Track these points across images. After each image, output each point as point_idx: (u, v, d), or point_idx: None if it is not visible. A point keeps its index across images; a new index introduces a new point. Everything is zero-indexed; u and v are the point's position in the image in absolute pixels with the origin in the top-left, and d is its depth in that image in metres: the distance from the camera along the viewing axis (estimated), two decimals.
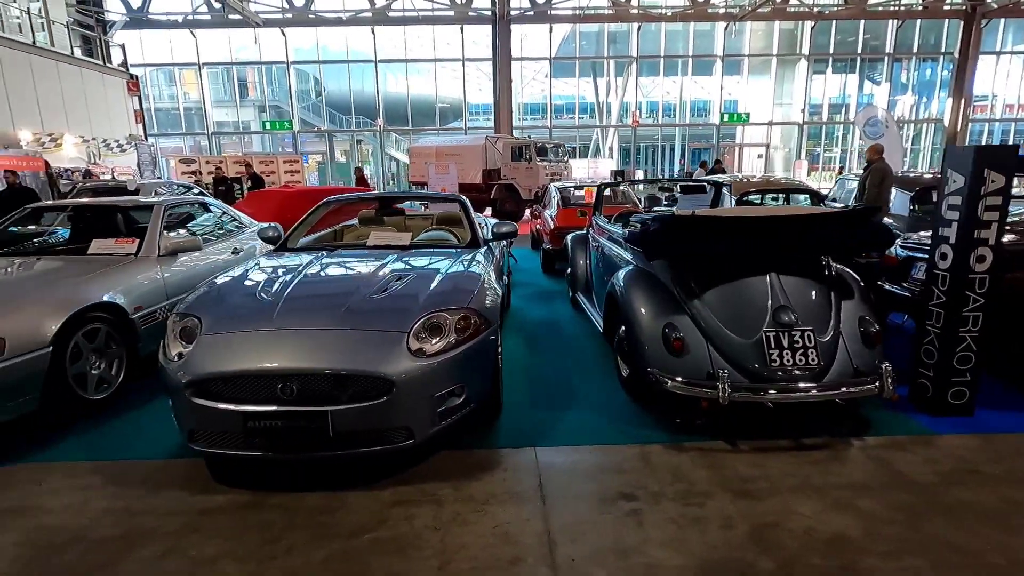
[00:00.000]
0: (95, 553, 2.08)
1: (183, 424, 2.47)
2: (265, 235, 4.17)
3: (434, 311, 2.63)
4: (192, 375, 2.36)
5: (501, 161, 16.02)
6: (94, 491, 2.50)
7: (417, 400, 2.43)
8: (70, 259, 3.85)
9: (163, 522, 2.25)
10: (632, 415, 3.16)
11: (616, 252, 3.98)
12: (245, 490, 2.46)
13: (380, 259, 3.36)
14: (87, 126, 16.78)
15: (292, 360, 2.34)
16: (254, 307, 2.68)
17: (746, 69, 26.14)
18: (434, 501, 2.36)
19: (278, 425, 2.32)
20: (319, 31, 24.99)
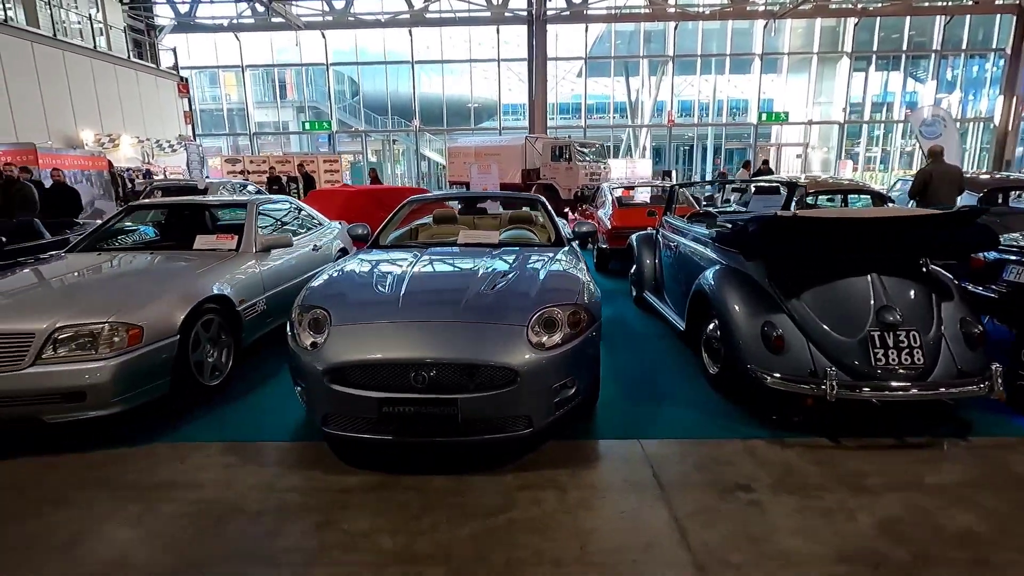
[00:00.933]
0: (258, 523, 2.25)
1: (317, 409, 2.63)
2: (355, 232, 4.35)
3: (547, 306, 2.75)
4: (330, 363, 2.52)
5: (540, 161, 16.13)
6: (234, 469, 2.69)
7: (537, 390, 2.55)
8: (179, 254, 4.09)
9: (309, 499, 2.42)
10: (724, 411, 3.23)
11: (699, 251, 4.05)
12: (374, 472, 2.61)
13: (478, 256, 3.50)
14: (141, 127, 17.48)
15: (427, 350, 2.48)
16: (378, 300, 2.84)
17: (785, 67, 25.69)
18: (556, 487, 2.48)
19: (411, 411, 2.47)
20: (357, 33, 25.50)
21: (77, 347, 2.83)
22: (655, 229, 5.32)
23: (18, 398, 2.75)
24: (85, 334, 2.85)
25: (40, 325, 2.81)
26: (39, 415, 2.82)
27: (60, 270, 3.71)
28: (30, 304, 3.08)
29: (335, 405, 2.56)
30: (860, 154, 26.81)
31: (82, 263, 3.84)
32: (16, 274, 3.64)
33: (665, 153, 27.11)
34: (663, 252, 5.08)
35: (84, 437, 2.95)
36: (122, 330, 2.92)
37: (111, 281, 3.58)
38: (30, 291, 3.33)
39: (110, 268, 3.79)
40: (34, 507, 2.39)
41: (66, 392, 2.78)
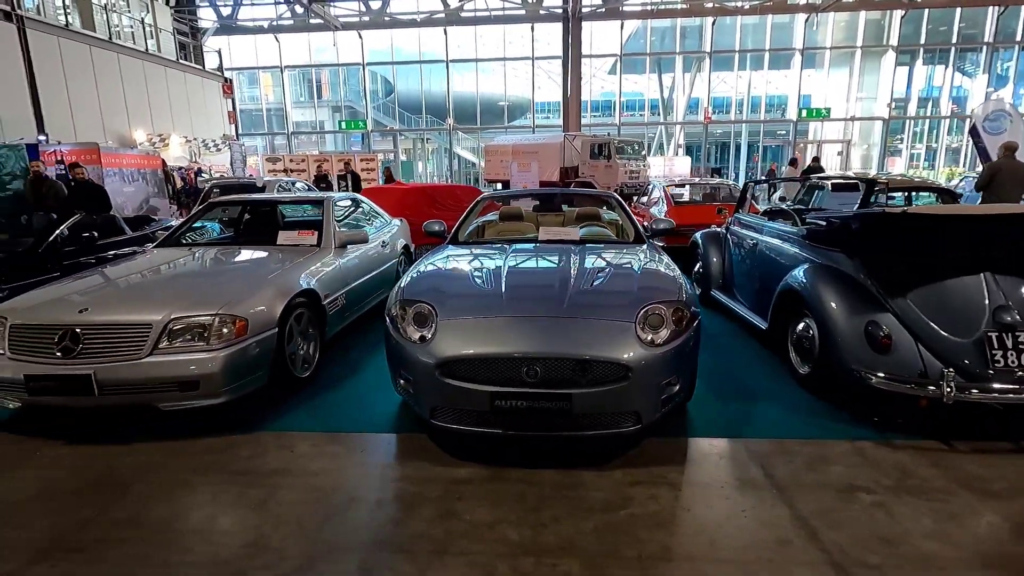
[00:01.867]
0: (380, 512, 2.30)
1: (425, 401, 2.67)
2: (431, 229, 4.40)
3: (652, 303, 2.74)
4: (443, 356, 2.55)
5: (579, 159, 16.07)
6: (342, 458, 2.75)
7: (647, 387, 2.55)
8: (264, 249, 4.20)
9: (424, 489, 2.46)
10: (819, 410, 3.17)
11: (783, 249, 3.97)
12: (480, 464, 2.64)
13: (563, 253, 3.51)
14: (189, 127, 18.00)
15: (541, 345, 2.50)
16: (481, 296, 2.87)
17: (827, 62, 25.02)
18: (668, 484, 2.47)
19: (522, 405, 2.49)
20: (392, 33, 25.76)
21: (190, 338, 2.94)
22: (721, 226, 5.24)
23: (138, 386, 2.86)
24: (196, 326, 2.96)
25: (156, 316, 2.93)
26: (155, 402, 2.94)
27: (159, 264, 3.85)
28: (143, 297, 3.21)
29: (445, 398, 2.60)
30: (903, 151, 25.97)
31: (177, 258, 3.98)
32: (119, 267, 3.79)
33: (699, 151, 26.72)
34: (733, 250, 5.00)
35: (189, 425, 3.05)
36: (229, 322, 3.01)
37: (211, 275, 3.70)
38: (140, 284, 3.47)
39: (205, 263, 3.91)
40: (165, 491, 2.48)
41: (182, 381, 2.88)
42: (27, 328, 2.94)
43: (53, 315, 2.96)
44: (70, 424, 3.10)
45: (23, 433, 3.06)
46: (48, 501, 2.43)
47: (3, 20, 12.27)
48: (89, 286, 3.39)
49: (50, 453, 2.85)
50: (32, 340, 2.91)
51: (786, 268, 3.77)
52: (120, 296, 3.20)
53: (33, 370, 2.82)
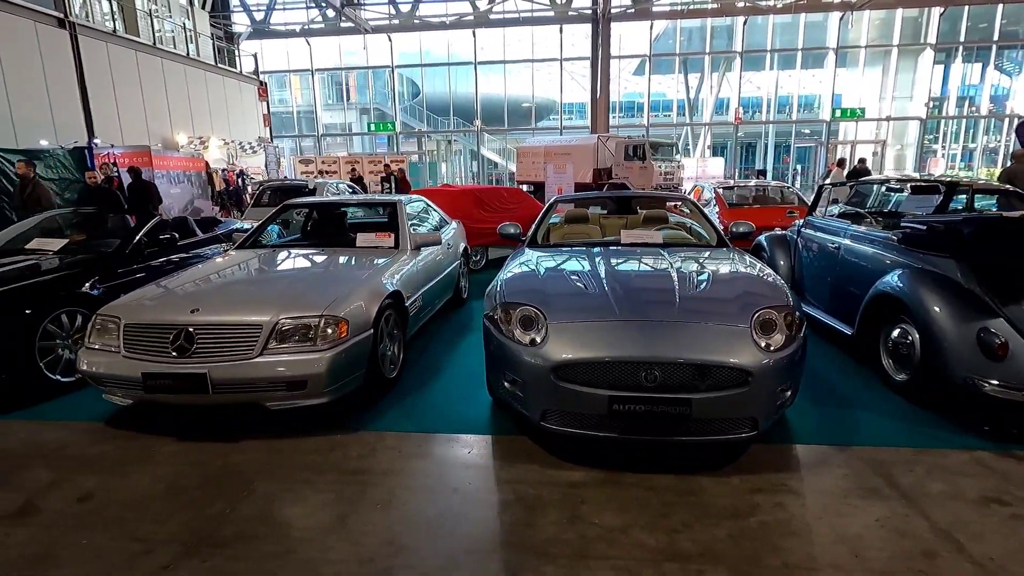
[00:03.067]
0: (507, 514, 2.31)
1: (535, 404, 2.68)
2: (506, 231, 4.42)
3: (764, 308, 2.72)
4: (559, 360, 2.56)
5: (612, 160, 16.00)
6: (451, 459, 2.78)
7: (766, 393, 2.52)
8: (347, 251, 4.26)
9: (542, 491, 2.47)
10: (922, 419, 3.10)
11: (870, 253, 3.90)
12: (593, 468, 2.64)
13: (656, 256, 3.51)
14: (226, 129, 18.36)
15: (661, 349, 2.49)
16: (587, 299, 2.87)
17: (862, 61, 24.55)
18: (789, 491, 2.44)
19: (641, 410, 2.48)
20: (420, 36, 25.97)
21: (298, 339, 2.99)
22: (796, 229, 5.17)
23: (249, 385, 2.92)
24: (303, 327, 3.01)
25: (265, 317, 2.98)
26: (262, 401, 3.00)
27: (252, 266, 3.93)
28: (250, 298, 3.27)
29: (558, 401, 2.60)
30: (938, 151, 25.36)
31: (265, 260, 4.06)
32: (212, 268, 3.87)
33: (723, 152, 26.42)
34: (804, 253, 4.93)
35: (290, 424, 3.11)
36: (333, 323, 3.06)
37: (308, 277, 3.75)
38: (243, 286, 3.55)
39: (296, 265, 3.98)
40: (288, 489, 2.53)
41: (290, 381, 2.93)
42: (141, 327, 3.02)
43: (166, 315, 3.04)
44: (169, 422, 3.18)
45: (130, 429, 3.15)
46: (178, 496, 2.49)
47: (57, 27, 12.65)
48: (193, 287, 3.48)
49: (164, 450, 2.92)
50: (147, 339, 2.99)
51: (875, 273, 3.70)
52: (228, 297, 3.27)
53: (150, 368, 2.89)
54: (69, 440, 3.05)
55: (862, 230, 4.07)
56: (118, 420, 3.27)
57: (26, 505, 2.44)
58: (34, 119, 11.89)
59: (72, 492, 2.54)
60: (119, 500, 2.47)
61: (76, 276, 4.00)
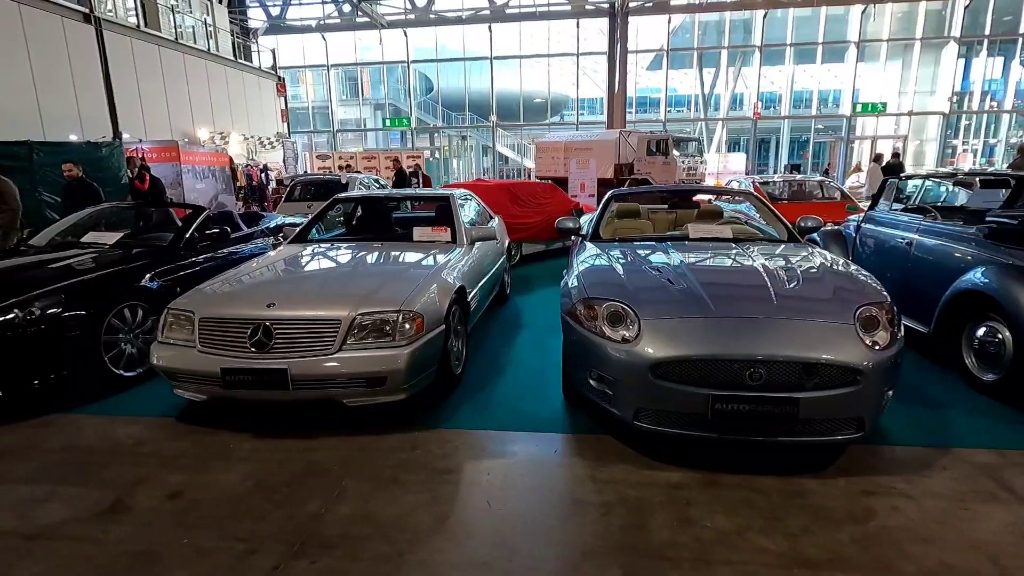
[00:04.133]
0: (611, 515, 2.24)
1: (627, 403, 2.60)
2: (564, 225, 4.34)
3: (864, 304, 2.63)
4: (659, 358, 2.47)
5: (634, 156, 15.86)
6: (539, 458, 2.71)
7: (875, 392, 2.44)
8: (405, 245, 4.19)
9: (643, 492, 2.40)
10: (1017, 420, 3.01)
11: (948, 248, 3.79)
12: (689, 469, 2.57)
13: (731, 251, 3.42)
14: (246, 124, 18.36)
15: (766, 347, 2.41)
16: (677, 294, 2.79)
17: (883, 55, 24.18)
18: (900, 494, 2.36)
19: (745, 409, 2.40)
20: (436, 31, 25.84)
21: (377, 334, 2.93)
22: (856, 223, 5.05)
23: (328, 381, 2.86)
24: (381, 322, 2.95)
25: (344, 312, 2.92)
26: (340, 398, 2.94)
27: (315, 260, 3.87)
28: (325, 292, 3.21)
29: (654, 400, 2.52)
30: (958, 146, 24.96)
31: (324, 254, 4.00)
32: (272, 263, 3.81)
33: (738, 148, 26.15)
34: (862, 249, 4.83)
35: (363, 421, 3.06)
36: (410, 319, 3.00)
37: (377, 272, 3.67)
38: (314, 280, 3.49)
39: (359, 259, 3.89)
40: (380, 487, 2.47)
41: (370, 377, 2.88)
42: (217, 322, 2.97)
43: (242, 309, 2.98)
44: (241, 418, 3.13)
45: (203, 425, 3.11)
46: (269, 494, 2.44)
47: (83, 22, 12.67)
48: (263, 281, 3.44)
49: (243, 446, 2.88)
50: (223, 334, 2.93)
51: (955, 269, 3.59)
52: (302, 292, 3.21)
53: (229, 364, 2.84)
54: (144, 436, 3.01)
55: (939, 225, 3.96)
56: (189, 415, 3.23)
57: (117, 503, 2.40)
58: (61, 113, 11.92)
59: (160, 489, 2.49)
60: (210, 498, 2.42)
61: (136, 270, 3.96)
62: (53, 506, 2.38)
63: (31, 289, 3.41)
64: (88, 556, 2.08)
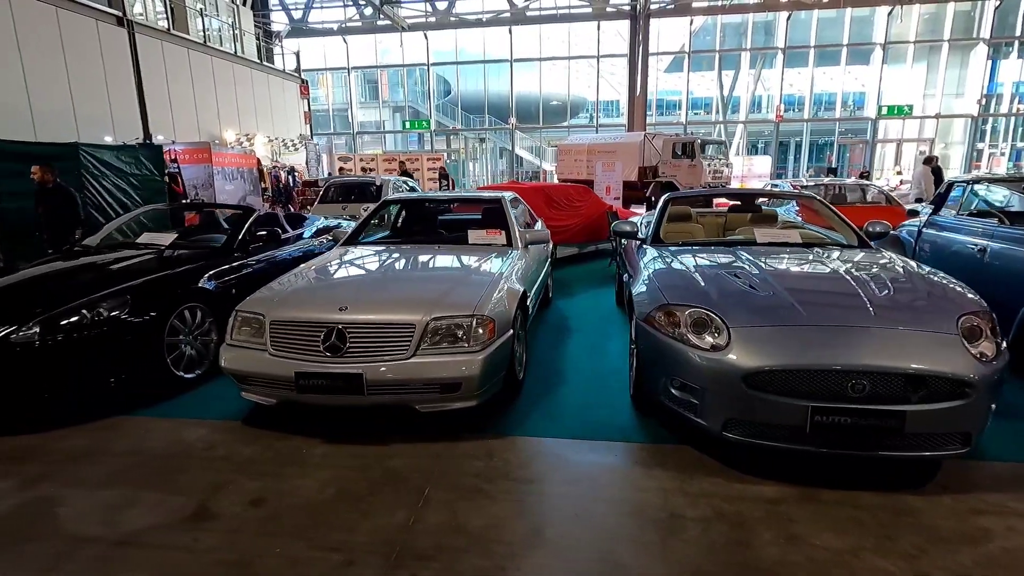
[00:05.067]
0: (711, 531, 2.15)
1: (716, 413, 2.52)
2: (622, 228, 4.26)
3: (966, 313, 2.53)
4: (752, 367, 2.39)
5: (659, 158, 15.71)
6: (622, 469, 2.63)
7: (984, 406, 2.33)
8: (462, 248, 4.13)
9: (740, 508, 2.31)
10: None
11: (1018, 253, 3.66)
12: (783, 483, 2.47)
13: (809, 256, 3.34)
14: (270, 126, 18.50)
15: (870, 357, 2.31)
16: (766, 301, 2.70)
17: (910, 57, 23.80)
18: (1015, 513, 2.25)
19: (847, 422, 2.31)
20: (456, 33, 25.88)
21: (451, 339, 2.87)
22: (917, 227, 4.92)
23: (402, 386, 2.81)
24: (455, 327, 2.89)
25: (417, 317, 2.87)
26: (413, 403, 2.89)
27: (377, 263, 3.82)
28: (396, 296, 3.15)
29: (747, 411, 2.44)
30: (984, 150, 24.45)
31: (382, 256, 3.95)
32: (333, 265, 3.77)
33: (756, 151, 25.88)
34: (922, 255, 4.69)
35: (430, 427, 3.00)
36: (483, 323, 2.94)
37: (441, 275, 3.62)
38: (381, 284, 3.43)
39: (420, 263, 3.83)
40: (465, 497, 2.41)
41: (445, 383, 2.82)
42: (289, 325, 2.93)
43: (315, 313, 2.94)
44: (306, 422, 3.09)
45: (271, 429, 3.07)
46: (353, 502, 2.39)
47: (116, 25, 12.83)
48: (330, 284, 3.40)
49: (315, 451, 2.83)
50: (296, 337, 2.89)
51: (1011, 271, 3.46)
52: (373, 295, 3.15)
53: (304, 368, 2.80)
54: (213, 440, 2.98)
55: (1020, 231, 3.82)
56: (254, 419, 3.19)
57: (200, 509, 2.36)
58: (95, 116, 12.08)
59: (241, 496, 2.45)
60: (293, 505, 2.38)
61: (194, 271, 3.95)
62: (136, 512, 2.35)
63: (96, 290, 3.40)
64: (181, 564, 2.03)
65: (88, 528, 2.25)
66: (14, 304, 3.31)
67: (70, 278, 3.72)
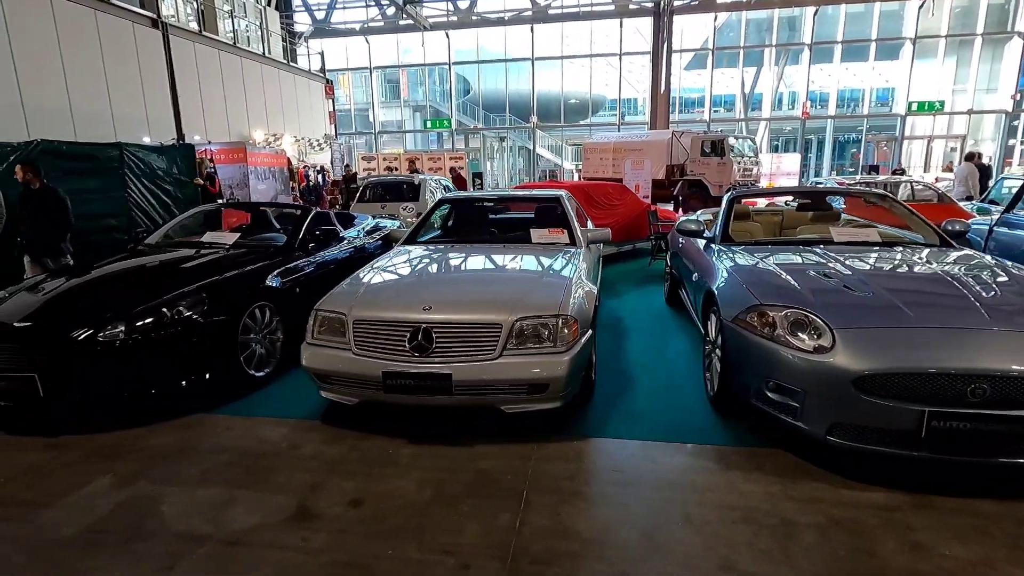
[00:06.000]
0: (831, 539, 2.09)
1: (820, 417, 2.45)
2: (687, 228, 4.20)
3: None
4: (864, 370, 2.31)
5: (687, 157, 15.55)
6: (721, 473, 2.57)
7: None
8: (526, 247, 4.09)
9: (854, 514, 2.24)
10: None
11: None
12: (889, 490, 2.40)
13: (894, 254, 3.25)
14: (296, 126, 18.64)
15: (994, 360, 2.23)
16: (862, 300, 2.63)
17: (941, 51, 23.27)
18: None
19: (966, 427, 2.23)
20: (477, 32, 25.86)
21: (535, 340, 2.84)
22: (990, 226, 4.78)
23: (490, 387, 2.78)
24: (540, 326, 2.85)
25: (504, 317, 2.84)
26: (499, 404, 2.86)
27: (445, 262, 3.79)
28: (478, 296, 3.11)
29: (856, 415, 2.37)
30: (1015, 146, 23.84)
31: (448, 256, 3.92)
32: (404, 264, 3.75)
33: (782, 147, 25.50)
34: (991, 253, 4.56)
35: (504, 428, 2.97)
36: (568, 323, 2.89)
37: (518, 275, 3.56)
38: (459, 284, 3.41)
39: (492, 262, 3.79)
40: (564, 501, 2.37)
41: (533, 383, 2.78)
42: (373, 324, 2.91)
43: (400, 312, 2.92)
44: (382, 422, 3.08)
45: (351, 428, 3.06)
46: (452, 504, 2.36)
47: (150, 27, 13.01)
48: (407, 283, 3.39)
49: (402, 452, 2.81)
50: (381, 337, 2.87)
51: None
52: (454, 295, 3.12)
53: (391, 367, 2.78)
54: (298, 439, 2.98)
55: None
56: (333, 418, 3.19)
57: (301, 509, 2.36)
58: (131, 117, 12.26)
59: (339, 496, 2.44)
60: (394, 506, 2.36)
61: (261, 270, 3.96)
62: (239, 510, 2.35)
63: (171, 289, 3.42)
64: (297, 565, 2.03)
65: (194, 526, 2.25)
66: (95, 302, 3.34)
67: (145, 276, 3.75)
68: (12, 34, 9.91)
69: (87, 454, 2.86)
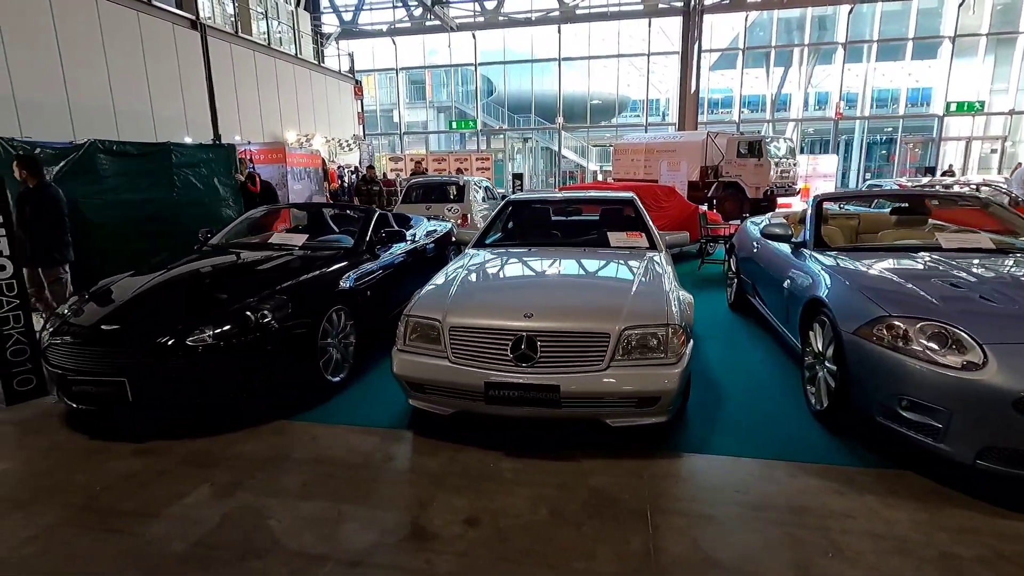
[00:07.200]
0: (949, 568, 1.92)
1: (968, 440, 2.27)
2: (773, 231, 4.02)
3: None
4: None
5: (723, 158, 15.26)
6: (850, 495, 2.40)
7: None
8: (607, 251, 3.94)
9: (1021, 548, 2.06)
10: None
11: None
12: None
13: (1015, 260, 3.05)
14: (327, 127, 18.73)
15: None
16: (1011, 312, 2.45)
17: (981, 50, 22.61)
18: None
19: None
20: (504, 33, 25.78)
21: (643, 350, 2.69)
22: None
23: (598, 399, 2.65)
24: (648, 336, 2.71)
25: (612, 326, 2.70)
26: (605, 417, 2.72)
27: (531, 267, 3.66)
28: (580, 304, 2.96)
29: (1012, 439, 2.18)
30: None
31: (526, 259, 3.79)
32: (488, 268, 3.62)
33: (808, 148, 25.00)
34: None
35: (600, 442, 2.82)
36: (677, 333, 2.75)
37: (612, 283, 3.42)
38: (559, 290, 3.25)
39: (580, 267, 3.63)
40: (694, 524, 2.22)
41: (643, 396, 2.64)
42: (472, 331, 2.79)
43: (500, 320, 2.79)
44: (469, 432, 2.95)
45: (439, 439, 2.94)
46: (574, 525, 2.23)
47: (189, 28, 13.12)
48: (502, 289, 3.27)
49: (503, 466, 2.68)
50: (481, 345, 2.75)
51: None
52: (555, 302, 2.96)
53: (495, 378, 2.66)
54: (392, 450, 2.87)
55: None
56: (423, 428, 3.07)
57: (416, 527, 2.24)
58: (171, 117, 12.37)
59: (452, 513, 2.32)
60: (513, 526, 2.23)
61: (335, 273, 3.87)
62: (351, 527, 2.24)
63: (251, 293, 3.34)
64: None
65: (308, 543, 2.15)
66: (178, 305, 3.28)
67: (223, 279, 3.68)
68: (60, 35, 10.03)
69: (179, 461, 2.78)
